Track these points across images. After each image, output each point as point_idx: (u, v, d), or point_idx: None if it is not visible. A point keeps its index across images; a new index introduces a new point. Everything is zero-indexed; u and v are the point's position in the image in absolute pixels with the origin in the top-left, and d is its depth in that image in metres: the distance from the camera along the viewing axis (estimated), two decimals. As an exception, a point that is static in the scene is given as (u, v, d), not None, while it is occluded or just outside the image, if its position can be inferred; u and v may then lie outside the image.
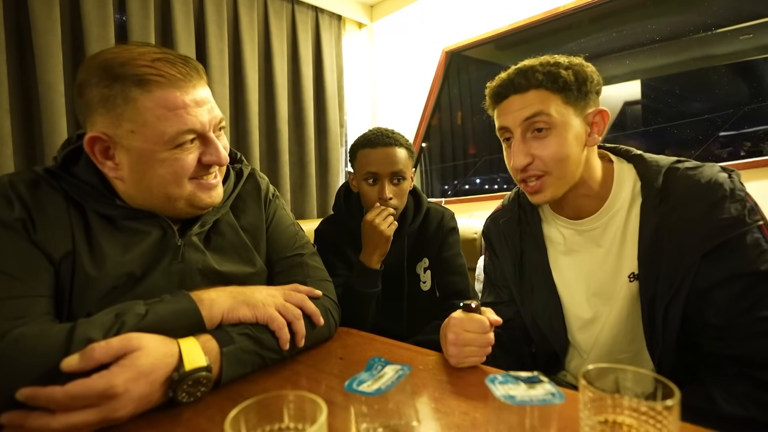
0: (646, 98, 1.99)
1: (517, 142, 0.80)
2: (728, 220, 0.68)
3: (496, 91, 0.82)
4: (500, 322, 0.72)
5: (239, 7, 2.08)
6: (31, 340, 0.55)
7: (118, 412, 0.52)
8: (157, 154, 0.68)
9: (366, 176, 1.17)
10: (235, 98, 2.12)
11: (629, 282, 0.80)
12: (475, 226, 1.81)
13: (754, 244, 0.68)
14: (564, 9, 1.90)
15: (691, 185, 0.73)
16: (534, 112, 0.77)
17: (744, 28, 1.72)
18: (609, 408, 0.42)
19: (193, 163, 0.71)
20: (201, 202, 0.75)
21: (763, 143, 1.71)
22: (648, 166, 0.80)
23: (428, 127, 2.54)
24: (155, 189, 0.71)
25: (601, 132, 0.81)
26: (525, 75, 0.78)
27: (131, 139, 0.67)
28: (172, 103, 0.67)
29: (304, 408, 0.41)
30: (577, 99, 0.77)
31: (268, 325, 0.70)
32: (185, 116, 0.68)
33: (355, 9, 2.60)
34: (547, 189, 0.80)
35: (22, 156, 1.54)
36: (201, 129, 0.71)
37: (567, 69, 0.77)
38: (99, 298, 0.68)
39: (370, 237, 1.14)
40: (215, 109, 0.74)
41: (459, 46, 2.32)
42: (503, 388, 0.46)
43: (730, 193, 0.70)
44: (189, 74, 0.70)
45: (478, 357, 0.70)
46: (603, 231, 0.83)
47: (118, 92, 0.65)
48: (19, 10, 1.52)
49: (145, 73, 0.65)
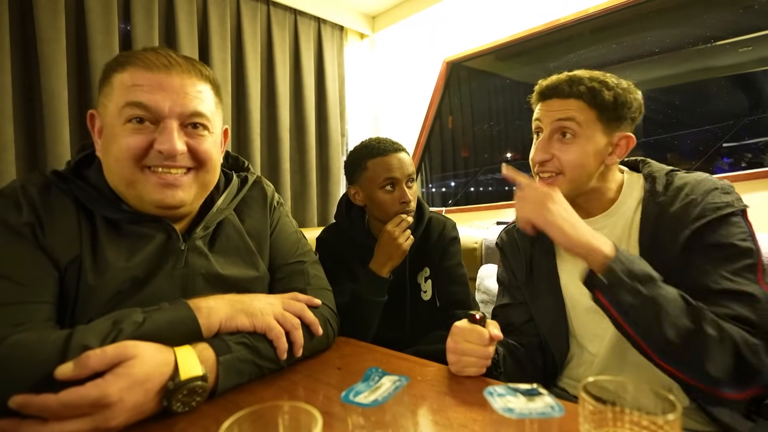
0: (647, 109, 1.99)
1: (544, 139, 0.86)
2: (719, 203, 0.76)
3: (544, 90, 0.88)
4: (501, 337, 0.73)
5: (242, 18, 2.11)
6: (28, 347, 0.55)
7: (111, 422, 0.51)
8: (113, 128, 0.70)
9: (384, 183, 1.18)
10: (237, 107, 2.14)
11: None
12: (476, 236, 1.80)
13: (737, 223, 0.75)
14: (564, 21, 1.92)
15: (685, 182, 0.81)
16: (567, 116, 0.83)
17: (743, 40, 1.74)
18: (609, 421, 0.41)
19: (138, 144, 0.68)
20: (160, 202, 0.71)
21: (764, 154, 1.71)
22: (652, 168, 0.87)
23: (429, 136, 2.55)
24: (114, 170, 0.71)
25: (622, 155, 0.86)
26: (570, 83, 0.84)
27: (104, 114, 0.72)
28: (134, 79, 0.69)
29: (299, 419, 0.41)
30: (610, 119, 0.83)
31: (266, 334, 0.70)
32: (137, 91, 0.69)
33: (357, 20, 2.63)
34: (558, 187, 0.84)
35: (23, 162, 1.55)
36: (155, 109, 0.68)
37: (610, 90, 0.82)
38: (102, 304, 0.68)
39: (386, 247, 1.14)
40: (192, 104, 0.71)
41: (460, 56, 2.34)
42: (502, 401, 0.46)
43: (721, 186, 0.79)
44: (174, 65, 0.71)
45: (477, 368, 0.70)
46: (611, 231, 0.86)
47: (110, 72, 0.71)
48: (24, 18, 1.53)
49: (131, 56, 0.71)
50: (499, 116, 2.98)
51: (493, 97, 2.88)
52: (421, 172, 2.70)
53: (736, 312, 0.69)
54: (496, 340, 0.72)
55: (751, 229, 0.76)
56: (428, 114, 2.49)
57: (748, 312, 0.69)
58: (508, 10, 2.11)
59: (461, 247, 1.33)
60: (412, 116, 2.57)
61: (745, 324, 0.69)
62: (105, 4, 1.65)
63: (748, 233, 0.75)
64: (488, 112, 2.87)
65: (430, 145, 2.62)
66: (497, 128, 2.92)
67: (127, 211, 0.73)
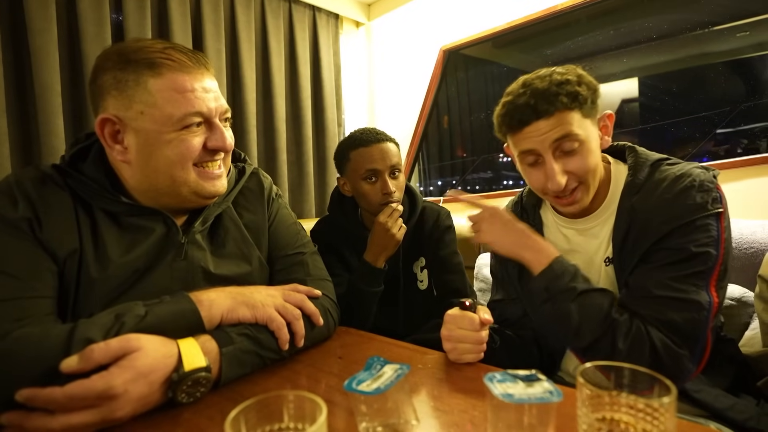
0: (644, 96, 2.00)
1: (550, 163, 0.79)
2: (691, 207, 0.73)
3: (518, 118, 0.80)
4: (491, 321, 0.73)
5: (236, 6, 2.08)
6: (32, 341, 0.56)
7: (117, 413, 0.52)
8: (165, 135, 0.70)
9: (365, 174, 1.18)
10: (232, 97, 2.11)
11: (605, 266, 0.84)
12: (473, 225, 1.80)
13: (704, 227, 0.73)
14: (561, 7, 1.90)
15: (665, 177, 0.78)
16: (563, 134, 0.77)
17: (740, 25, 1.73)
18: (606, 405, 0.43)
19: (198, 146, 0.73)
20: (205, 191, 0.76)
21: (760, 140, 1.72)
22: (637, 159, 0.84)
23: (426, 125, 2.54)
24: (161, 171, 0.72)
25: (609, 133, 0.85)
26: (548, 100, 0.77)
27: (141, 121, 0.69)
28: (181, 86, 0.70)
29: (303, 408, 0.42)
30: (591, 110, 0.81)
31: (267, 325, 0.70)
32: (193, 99, 0.70)
33: (352, 8, 2.59)
34: (582, 198, 0.83)
35: (18, 156, 1.53)
36: (207, 113, 0.73)
37: (580, 84, 0.78)
38: (103, 296, 0.68)
39: (379, 238, 1.14)
40: (221, 99, 0.77)
41: (457, 44, 2.32)
42: (501, 387, 0.46)
43: (699, 184, 0.75)
44: (198, 63, 0.73)
45: (474, 354, 0.71)
46: (601, 228, 0.86)
47: (131, 74, 0.68)
48: (14, 9, 1.50)
49: (157, 58, 0.69)
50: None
51: (491, 85, 2.86)
52: (418, 161, 2.70)
53: (668, 318, 0.71)
54: (486, 324, 0.72)
55: (721, 232, 0.73)
56: (425, 102, 2.48)
57: (681, 319, 0.70)
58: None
59: (458, 236, 1.33)
60: (409, 105, 2.55)
61: (675, 331, 0.70)
62: (96, -7, 1.63)
63: (714, 238, 0.72)
64: (485, 100, 2.85)
65: (427, 134, 2.61)
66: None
67: (126, 203, 0.73)
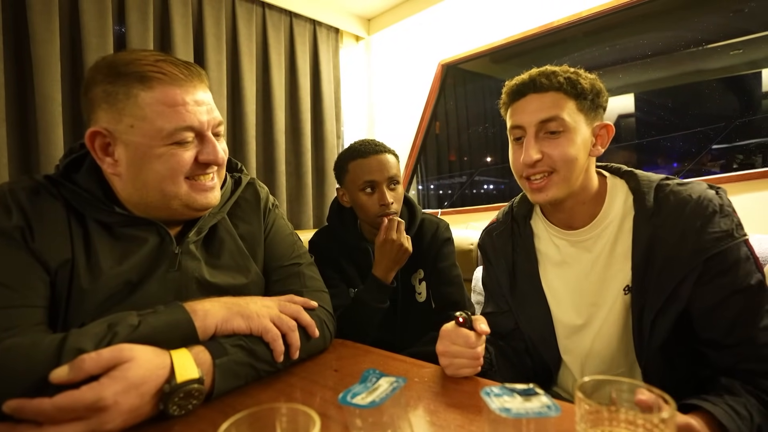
0: (639, 111, 2.02)
1: (530, 138, 0.81)
2: (719, 233, 0.72)
3: (516, 89, 0.84)
4: (488, 332, 0.72)
5: (238, 20, 2.11)
6: (22, 351, 0.55)
7: (107, 425, 0.51)
8: (155, 149, 0.69)
9: (363, 186, 1.18)
10: (232, 109, 2.13)
11: (624, 295, 0.81)
12: (471, 238, 1.81)
13: (745, 258, 0.72)
14: (559, 23, 1.93)
15: (682, 200, 0.76)
16: (550, 116, 0.79)
17: (734, 43, 1.76)
18: (605, 421, 0.42)
19: (189, 161, 0.72)
20: (196, 203, 0.75)
21: (755, 156, 1.73)
22: (639, 182, 0.83)
23: (425, 138, 2.56)
24: (151, 185, 0.71)
25: (605, 145, 0.84)
26: (547, 76, 0.80)
27: (131, 134, 0.68)
28: (172, 99, 0.69)
29: (297, 421, 0.41)
30: (589, 109, 0.81)
31: (262, 336, 0.69)
32: (184, 113, 0.69)
33: (352, 22, 2.63)
34: (551, 188, 0.82)
35: (17, 165, 1.54)
36: (199, 127, 0.72)
37: (585, 78, 0.81)
38: (95, 307, 0.67)
39: (390, 253, 1.13)
40: (214, 111, 0.76)
41: (455, 59, 2.35)
42: (499, 401, 0.46)
43: (720, 208, 0.74)
44: (190, 75, 0.72)
45: (471, 368, 0.70)
46: (595, 241, 0.85)
47: (121, 88, 0.67)
48: (18, 20, 1.52)
49: (148, 71, 0.68)
50: (495, 118, 3.00)
51: (488, 99, 2.90)
52: (416, 174, 2.71)
53: None
54: (483, 334, 0.71)
55: (754, 256, 0.73)
56: (424, 116, 2.50)
57: None
58: (503, 12, 2.12)
59: (456, 249, 1.33)
60: (407, 118, 2.58)
61: None
62: (99, 5, 1.65)
63: (753, 262, 0.72)
64: (483, 114, 2.88)
65: (425, 147, 2.63)
66: (492, 130, 2.94)
67: (120, 213, 0.72)
